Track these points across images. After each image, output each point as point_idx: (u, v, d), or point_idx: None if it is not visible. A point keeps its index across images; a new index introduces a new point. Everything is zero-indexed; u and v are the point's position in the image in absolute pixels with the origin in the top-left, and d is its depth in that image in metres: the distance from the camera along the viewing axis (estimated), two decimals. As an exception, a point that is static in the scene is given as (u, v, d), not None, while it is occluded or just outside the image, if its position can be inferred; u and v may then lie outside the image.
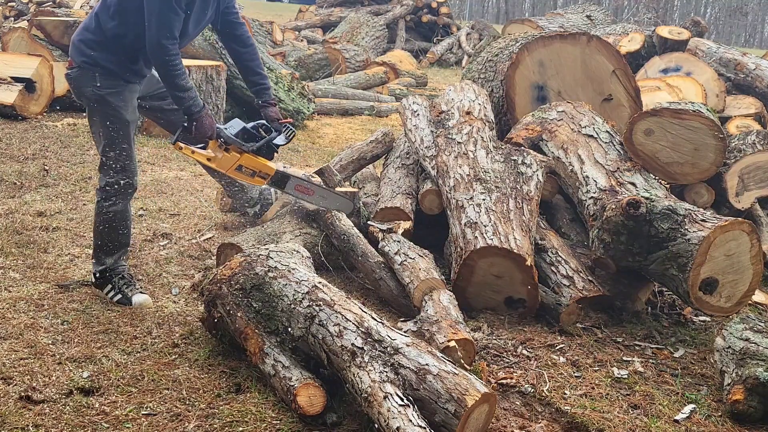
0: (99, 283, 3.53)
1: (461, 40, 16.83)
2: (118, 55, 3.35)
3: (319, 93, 10.02)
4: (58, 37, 8.64)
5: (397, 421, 2.28)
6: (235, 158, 3.57)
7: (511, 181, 3.89)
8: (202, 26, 3.62)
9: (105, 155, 3.42)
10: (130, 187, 3.49)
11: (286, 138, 3.70)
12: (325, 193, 3.99)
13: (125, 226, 3.52)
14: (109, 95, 3.36)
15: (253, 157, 3.62)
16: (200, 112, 3.41)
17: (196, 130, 3.44)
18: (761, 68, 7.61)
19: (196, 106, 3.38)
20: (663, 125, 3.99)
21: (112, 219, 3.47)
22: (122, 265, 3.56)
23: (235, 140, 3.55)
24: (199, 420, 2.56)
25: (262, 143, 3.60)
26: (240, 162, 3.58)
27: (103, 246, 3.52)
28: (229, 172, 3.59)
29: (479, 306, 3.59)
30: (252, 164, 3.62)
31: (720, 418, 2.81)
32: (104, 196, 3.46)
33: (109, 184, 3.44)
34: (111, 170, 3.43)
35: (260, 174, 3.66)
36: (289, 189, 3.83)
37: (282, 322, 2.80)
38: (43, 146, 6.29)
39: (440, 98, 4.72)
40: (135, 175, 3.50)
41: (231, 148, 3.56)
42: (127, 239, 3.58)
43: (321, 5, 18.98)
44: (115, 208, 3.46)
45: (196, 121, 3.41)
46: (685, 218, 3.33)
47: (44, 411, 2.55)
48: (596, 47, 4.95)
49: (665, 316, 3.76)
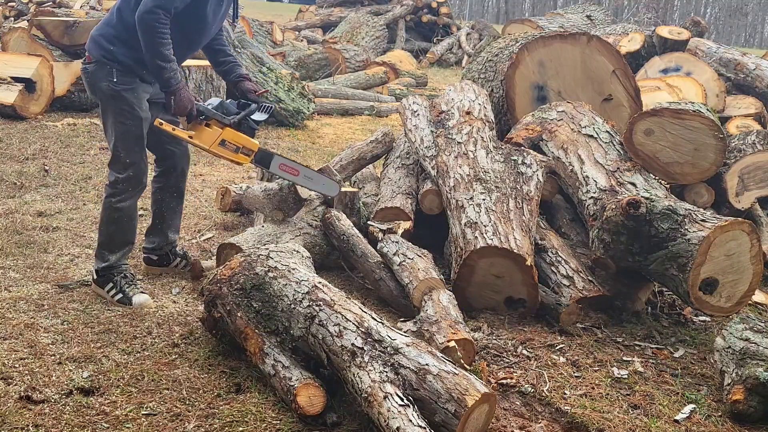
0: (100, 281, 3.52)
1: (461, 40, 16.82)
2: (138, 51, 3.34)
3: (319, 93, 10.02)
4: (58, 37, 8.64)
5: (397, 421, 2.28)
6: (217, 132, 3.48)
7: (511, 181, 3.89)
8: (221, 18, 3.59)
9: (116, 151, 3.42)
10: (139, 185, 3.48)
11: (265, 112, 3.65)
12: (311, 174, 3.93)
13: (131, 223, 3.53)
14: (125, 91, 3.37)
15: (236, 132, 3.54)
16: (179, 86, 3.35)
17: (175, 104, 3.37)
18: (761, 68, 7.61)
19: (175, 79, 3.34)
20: (663, 125, 3.99)
21: (119, 216, 3.47)
22: (125, 263, 3.56)
23: (215, 113, 3.48)
24: (199, 420, 2.56)
25: (243, 115, 3.54)
26: (223, 136, 3.49)
27: (108, 242, 3.51)
28: (213, 148, 3.49)
29: (479, 306, 3.59)
30: (235, 139, 3.53)
31: (720, 418, 2.81)
32: (112, 192, 3.45)
33: (119, 180, 3.43)
34: (121, 166, 3.42)
35: (244, 150, 3.57)
36: (274, 168, 3.77)
37: (282, 322, 2.80)
38: (43, 146, 6.29)
39: (440, 98, 4.72)
40: (144, 174, 3.49)
41: (212, 123, 3.49)
42: (133, 237, 3.58)
43: (321, 5, 18.98)
44: (123, 205, 3.46)
45: (174, 94, 3.36)
46: (685, 218, 3.33)
47: (44, 411, 2.55)
48: (596, 47, 4.95)
49: (665, 316, 3.76)
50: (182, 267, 3.90)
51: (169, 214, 3.82)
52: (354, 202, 4.24)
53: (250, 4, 25.46)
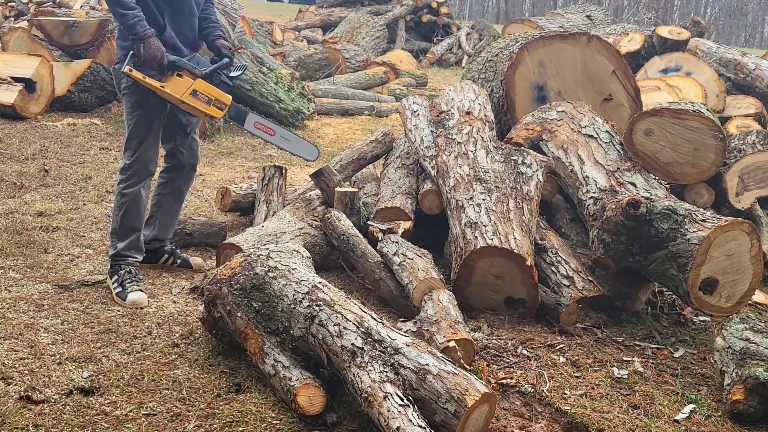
0: (110, 272, 3.62)
1: (461, 40, 16.83)
2: None
3: (319, 93, 10.02)
4: (58, 37, 8.64)
5: (397, 421, 2.28)
6: (189, 83, 3.50)
7: (511, 181, 3.89)
8: None
9: (128, 138, 3.57)
10: (146, 171, 3.60)
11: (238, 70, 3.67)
12: (288, 135, 3.93)
13: (137, 208, 3.61)
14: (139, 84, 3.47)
15: (208, 84, 3.55)
16: (146, 33, 3.37)
17: (144, 52, 3.37)
18: (761, 68, 7.61)
19: (141, 26, 3.36)
20: (663, 125, 3.99)
21: (125, 201, 3.58)
22: (133, 256, 3.63)
23: (187, 63, 3.51)
24: (199, 420, 2.56)
25: (215, 67, 3.57)
26: (194, 86, 3.50)
27: (117, 228, 3.62)
28: (184, 98, 3.49)
29: (479, 306, 3.59)
30: (207, 90, 3.54)
31: (720, 418, 2.81)
32: (122, 177, 3.60)
33: (126, 166, 3.58)
34: (131, 153, 3.56)
35: (216, 103, 3.56)
36: (249, 125, 3.76)
37: (282, 322, 2.80)
38: (43, 146, 6.29)
39: (440, 98, 4.72)
40: (151, 163, 3.61)
41: (183, 74, 3.51)
42: (139, 224, 3.65)
43: (321, 5, 18.97)
44: (129, 191, 3.57)
45: (143, 42, 3.37)
46: (685, 218, 3.33)
47: (44, 411, 2.55)
48: (596, 47, 4.95)
49: (665, 316, 3.76)
50: (171, 264, 3.96)
51: (164, 213, 3.88)
52: (354, 202, 4.24)
53: (250, 4, 25.42)
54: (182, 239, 4.29)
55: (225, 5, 9.87)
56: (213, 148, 6.97)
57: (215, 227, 4.42)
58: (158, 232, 3.89)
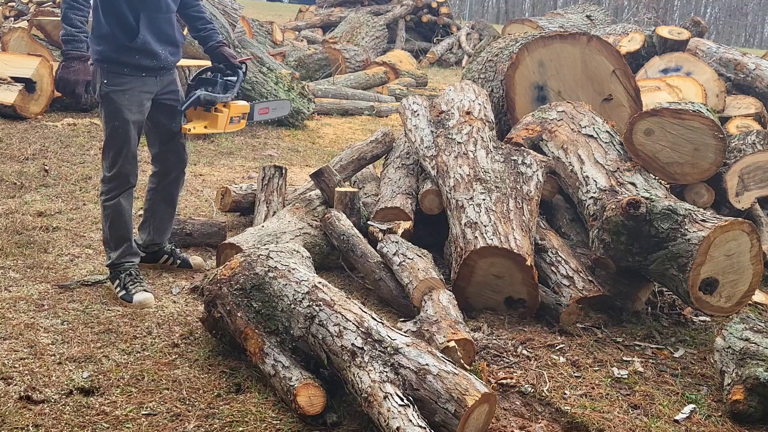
0: (110, 277, 3.62)
1: (461, 40, 16.83)
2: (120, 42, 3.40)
3: (319, 93, 10.02)
4: (58, 37, 8.63)
5: (397, 421, 2.28)
6: (225, 114, 3.66)
7: (511, 181, 3.89)
8: None
9: (105, 150, 3.52)
10: (126, 184, 3.54)
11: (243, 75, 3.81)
12: (275, 104, 4.16)
13: (122, 220, 3.57)
14: (113, 93, 3.42)
15: (236, 105, 3.72)
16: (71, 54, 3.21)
17: (61, 72, 3.20)
18: (761, 68, 7.60)
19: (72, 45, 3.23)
20: (663, 125, 3.99)
21: (108, 213, 3.56)
22: (130, 261, 3.61)
23: (218, 97, 3.63)
24: (199, 420, 2.56)
25: (237, 87, 3.71)
26: (231, 115, 3.68)
27: (106, 239, 3.61)
28: (226, 130, 3.70)
29: (479, 306, 3.59)
30: (237, 111, 3.73)
31: (720, 418, 2.81)
32: (102, 189, 3.57)
33: (106, 178, 3.53)
34: (108, 164, 3.51)
35: (243, 117, 3.79)
36: (256, 117, 3.95)
37: (282, 322, 2.80)
38: (43, 146, 6.29)
39: (440, 98, 4.72)
40: (131, 174, 3.55)
41: (218, 107, 3.64)
42: (127, 234, 3.61)
43: (321, 5, 18.97)
44: (111, 203, 3.54)
45: (65, 62, 3.22)
46: (685, 218, 3.33)
47: (44, 411, 2.55)
48: (596, 47, 4.95)
49: (665, 316, 3.76)
50: (170, 264, 3.96)
51: (158, 219, 3.87)
52: (354, 202, 4.24)
53: (250, 4, 25.43)
54: (182, 239, 4.29)
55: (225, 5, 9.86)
56: (213, 148, 6.97)
57: (215, 227, 4.42)
58: (154, 237, 3.88)
